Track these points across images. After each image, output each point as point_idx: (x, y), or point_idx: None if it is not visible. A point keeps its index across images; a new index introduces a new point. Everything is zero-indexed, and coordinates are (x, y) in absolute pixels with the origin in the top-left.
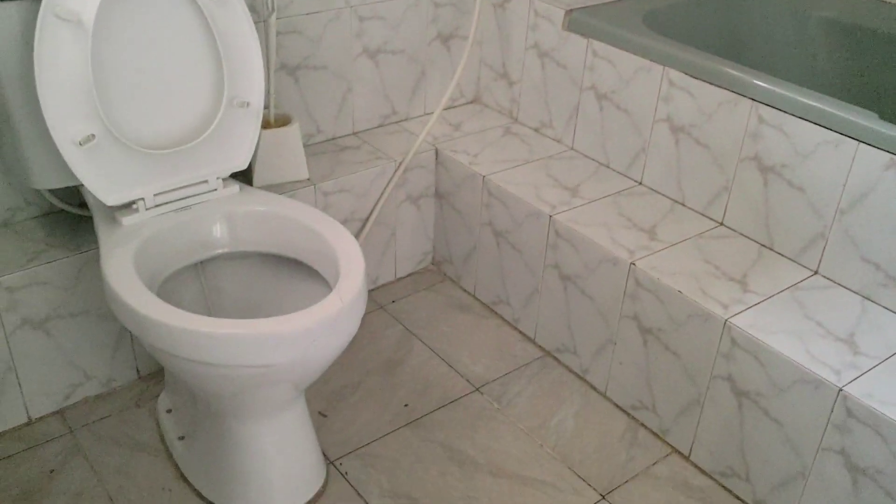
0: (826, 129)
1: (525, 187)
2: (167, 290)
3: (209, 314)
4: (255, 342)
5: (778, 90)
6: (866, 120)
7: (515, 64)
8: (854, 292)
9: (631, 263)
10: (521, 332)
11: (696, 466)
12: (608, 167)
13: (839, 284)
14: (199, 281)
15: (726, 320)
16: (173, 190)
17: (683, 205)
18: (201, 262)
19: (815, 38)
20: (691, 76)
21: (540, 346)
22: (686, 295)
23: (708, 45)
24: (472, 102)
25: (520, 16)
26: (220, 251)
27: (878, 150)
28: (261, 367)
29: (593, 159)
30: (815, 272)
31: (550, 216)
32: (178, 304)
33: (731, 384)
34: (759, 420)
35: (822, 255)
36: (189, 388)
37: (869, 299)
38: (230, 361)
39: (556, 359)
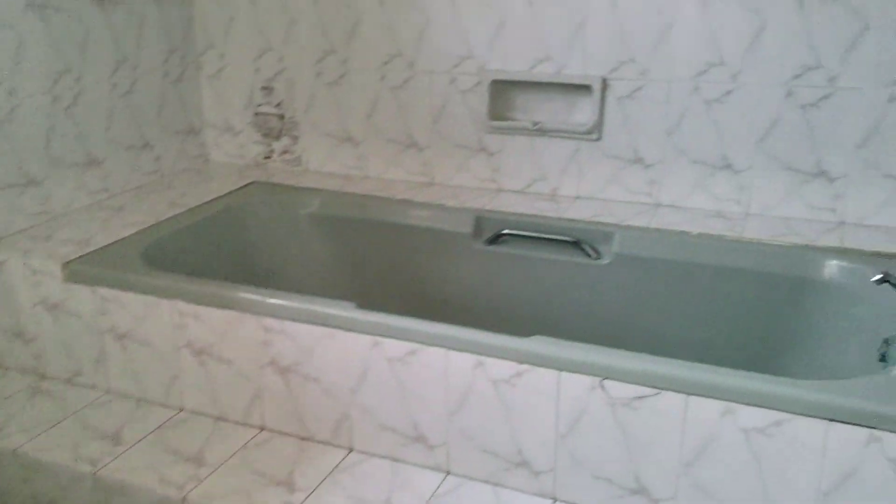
0: (317, 326)
1: (62, 450)
2: None
3: None
4: None
5: (270, 301)
6: (345, 311)
7: (28, 321)
8: (382, 457)
9: (182, 499)
10: None
11: None
12: (147, 400)
13: (371, 455)
14: None
15: None
16: None
17: (226, 420)
18: None
19: (307, 232)
20: (196, 304)
21: None
22: None
23: (219, 263)
24: None
25: (17, 275)
26: None
27: (360, 335)
28: None
29: (132, 396)
30: (351, 449)
31: (94, 473)
32: None
33: None
34: None
35: (352, 432)
36: None
37: (398, 461)
38: None
39: None
